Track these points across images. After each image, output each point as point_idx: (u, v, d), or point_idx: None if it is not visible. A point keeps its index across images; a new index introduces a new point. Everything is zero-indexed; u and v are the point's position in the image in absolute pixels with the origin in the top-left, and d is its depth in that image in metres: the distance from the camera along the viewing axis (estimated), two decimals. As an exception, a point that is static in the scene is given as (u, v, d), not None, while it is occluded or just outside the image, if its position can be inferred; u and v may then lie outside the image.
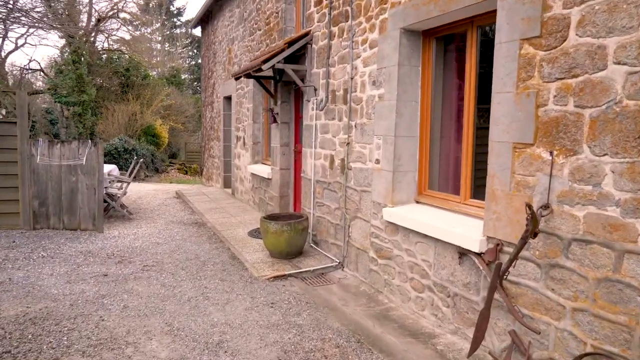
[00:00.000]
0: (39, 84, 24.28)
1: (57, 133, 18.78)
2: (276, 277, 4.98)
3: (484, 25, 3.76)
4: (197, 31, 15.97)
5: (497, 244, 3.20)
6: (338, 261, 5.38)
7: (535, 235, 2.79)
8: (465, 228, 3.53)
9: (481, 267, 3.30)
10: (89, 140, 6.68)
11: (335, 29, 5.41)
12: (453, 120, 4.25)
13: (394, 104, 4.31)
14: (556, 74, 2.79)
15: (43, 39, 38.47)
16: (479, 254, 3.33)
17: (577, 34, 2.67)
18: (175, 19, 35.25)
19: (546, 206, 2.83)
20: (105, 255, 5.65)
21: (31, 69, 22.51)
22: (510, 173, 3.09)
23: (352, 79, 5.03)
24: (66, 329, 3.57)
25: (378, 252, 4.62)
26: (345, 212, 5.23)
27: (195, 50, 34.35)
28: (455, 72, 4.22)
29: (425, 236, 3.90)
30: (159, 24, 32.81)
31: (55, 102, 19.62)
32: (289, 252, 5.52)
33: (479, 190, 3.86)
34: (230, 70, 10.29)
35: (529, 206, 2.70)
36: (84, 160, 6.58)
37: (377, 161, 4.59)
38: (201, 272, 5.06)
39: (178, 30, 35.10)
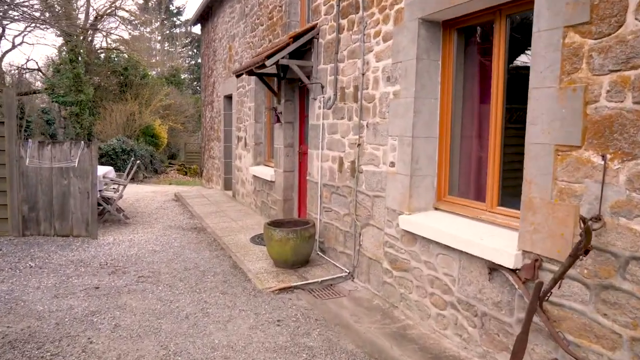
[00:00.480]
0: (38, 84, 23.90)
1: (54, 133, 18.37)
2: (281, 290, 4.60)
3: (514, 14, 3.38)
4: (197, 29, 15.58)
5: (535, 260, 2.82)
6: (348, 271, 5.00)
7: (587, 252, 2.41)
8: (495, 240, 3.15)
9: (516, 286, 2.92)
10: (82, 141, 6.30)
11: (344, 22, 5.02)
12: (477, 120, 3.87)
13: (411, 102, 3.93)
14: (610, 65, 2.40)
15: (41, 38, 38.04)
16: (513, 271, 2.95)
17: (636, 18, 2.29)
18: (174, 18, 34.87)
19: (597, 218, 2.45)
20: (97, 264, 5.26)
21: (29, 69, 22.14)
22: (551, 179, 2.71)
23: (363, 74, 4.65)
24: (49, 354, 3.19)
25: (393, 264, 4.24)
26: (355, 219, 4.85)
27: (195, 50, 33.96)
28: (478, 67, 3.85)
29: (448, 248, 3.51)
30: (158, 23, 32.42)
31: (53, 101, 19.23)
32: (295, 261, 5.14)
33: (507, 196, 3.48)
34: (230, 68, 9.91)
35: (583, 219, 2.32)
36: (77, 162, 6.19)
37: (392, 164, 4.21)
38: (201, 284, 4.68)
39: (177, 30, 34.72)
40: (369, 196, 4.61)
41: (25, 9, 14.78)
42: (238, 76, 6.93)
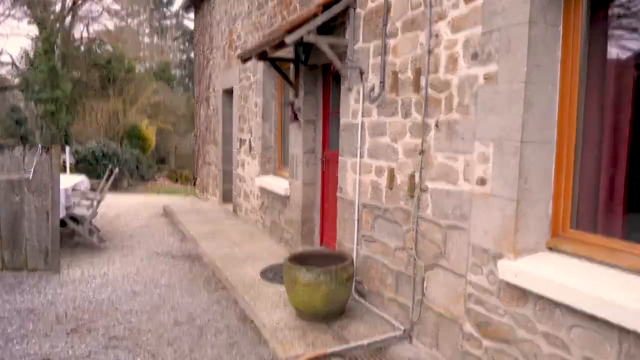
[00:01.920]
0: (17, 81, 22.76)
1: (25, 135, 17.15)
2: (313, 360, 3.42)
3: None
4: (190, 18, 14.47)
5: None
6: (403, 328, 3.82)
7: None
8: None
9: None
10: (39, 145, 5.13)
11: (396, -18, 3.88)
12: (617, 117, 2.72)
13: (519, 89, 2.77)
14: None
15: (15, 29, 36.86)
16: None
17: None
18: (164, 9, 33.88)
19: None
20: (54, 316, 4.07)
21: (1, 62, 21.01)
22: None
23: (430, 52, 3.50)
24: None
25: (482, 328, 3.07)
26: (415, 256, 3.68)
27: (186, 44, 32.95)
28: (620, 37, 2.71)
29: (595, 319, 2.34)
30: (146, 14, 31.43)
31: (26, 99, 18.09)
32: (328, 312, 3.97)
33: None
34: (231, 55, 8.77)
35: None
36: (32, 173, 5.01)
37: (482, 181, 3.04)
38: (198, 351, 3.50)
39: (168, 22, 33.76)
40: (440, 226, 3.44)
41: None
42: (245, 60, 5.79)
